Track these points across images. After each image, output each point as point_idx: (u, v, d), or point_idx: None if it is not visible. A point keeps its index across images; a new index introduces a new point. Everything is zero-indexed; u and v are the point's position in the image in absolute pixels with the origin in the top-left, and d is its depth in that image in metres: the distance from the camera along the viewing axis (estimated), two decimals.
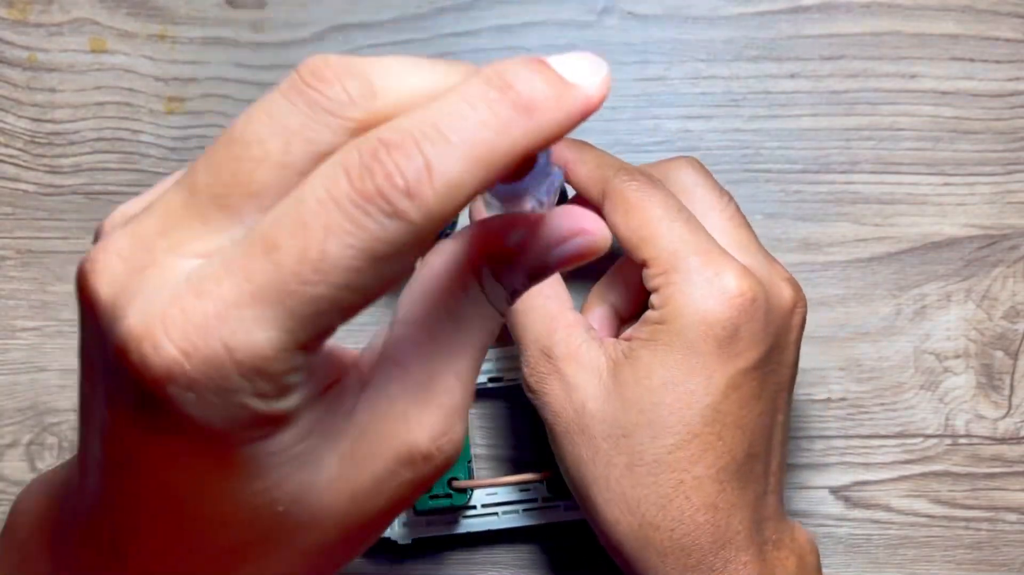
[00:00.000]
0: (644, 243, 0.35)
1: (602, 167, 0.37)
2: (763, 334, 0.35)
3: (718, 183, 0.38)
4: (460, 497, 0.40)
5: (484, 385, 0.42)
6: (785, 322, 0.36)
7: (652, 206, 0.35)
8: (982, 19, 0.44)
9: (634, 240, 0.35)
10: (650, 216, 0.35)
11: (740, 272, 0.34)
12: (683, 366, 0.34)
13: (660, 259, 0.35)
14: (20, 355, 0.44)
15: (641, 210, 0.35)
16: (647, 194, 0.35)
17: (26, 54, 0.44)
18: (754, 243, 0.37)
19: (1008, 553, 0.43)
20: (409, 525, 0.42)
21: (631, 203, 0.35)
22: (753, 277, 0.35)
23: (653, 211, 0.35)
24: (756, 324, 0.34)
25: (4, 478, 0.44)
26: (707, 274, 0.34)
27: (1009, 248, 0.43)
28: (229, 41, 0.44)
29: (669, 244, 0.35)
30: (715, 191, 0.37)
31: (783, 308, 0.36)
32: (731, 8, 0.44)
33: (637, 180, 0.36)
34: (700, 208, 0.36)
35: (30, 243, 0.44)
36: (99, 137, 0.44)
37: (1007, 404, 0.43)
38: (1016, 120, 0.43)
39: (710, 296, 0.34)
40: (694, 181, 0.37)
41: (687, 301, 0.34)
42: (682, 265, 0.34)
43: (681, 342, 0.34)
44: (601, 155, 0.37)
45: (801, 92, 0.44)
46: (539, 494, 0.42)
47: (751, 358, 0.34)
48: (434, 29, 0.44)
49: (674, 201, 0.36)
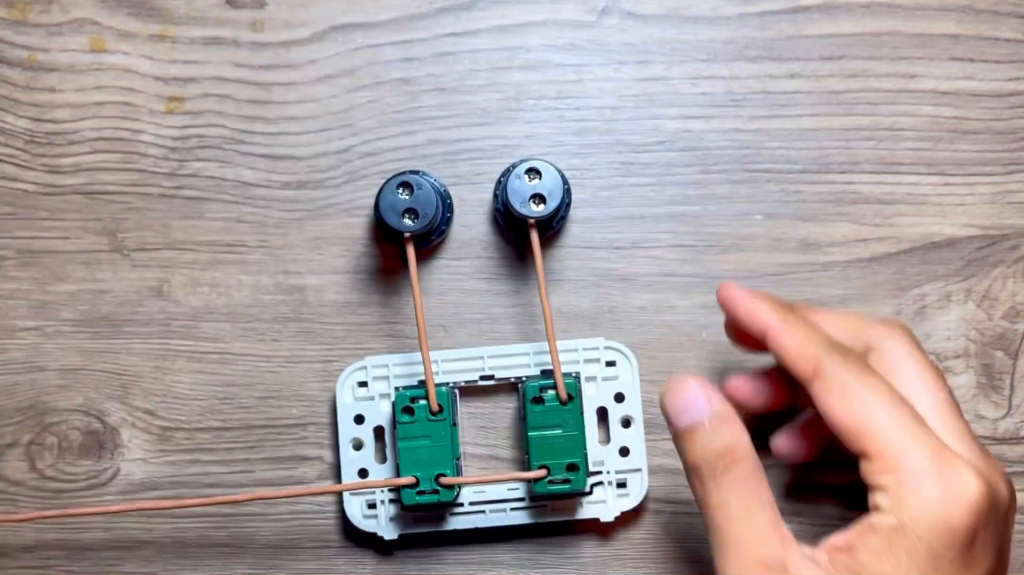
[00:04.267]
0: (866, 435, 0.32)
1: (812, 343, 0.34)
2: (995, 537, 0.33)
3: (933, 362, 0.36)
4: (447, 493, 0.40)
5: (475, 383, 0.42)
6: (1007, 520, 0.34)
7: (872, 395, 0.33)
8: (982, 19, 0.44)
9: (853, 429, 0.33)
10: (871, 406, 0.33)
11: (975, 473, 0.32)
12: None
13: (886, 455, 0.32)
14: (20, 355, 0.44)
15: (861, 399, 0.33)
16: (866, 381, 0.33)
17: (26, 54, 0.44)
18: (969, 432, 0.34)
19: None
20: (396, 521, 0.42)
21: (849, 390, 0.33)
22: (984, 478, 0.32)
23: (875, 404, 0.33)
24: (991, 528, 0.32)
25: (4, 478, 0.44)
26: (943, 475, 0.32)
27: (1009, 248, 0.43)
28: (229, 41, 0.44)
29: (897, 439, 0.32)
30: (930, 369, 0.35)
31: (1005, 507, 0.33)
32: (731, 8, 0.44)
33: (853, 364, 0.34)
34: (912, 386, 0.35)
35: (30, 243, 0.44)
36: (99, 137, 0.44)
37: (1007, 404, 0.43)
38: (1016, 120, 0.43)
39: (951, 501, 0.31)
40: (907, 352, 0.35)
41: (928, 505, 0.31)
42: (914, 465, 0.32)
43: (924, 551, 0.31)
44: (809, 328, 0.35)
45: (801, 92, 0.44)
46: (527, 493, 0.42)
47: (988, 564, 0.32)
48: (434, 29, 0.44)
49: (894, 392, 0.33)
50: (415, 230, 0.39)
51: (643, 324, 0.43)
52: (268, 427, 0.44)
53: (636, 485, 0.42)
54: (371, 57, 0.44)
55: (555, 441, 0.40)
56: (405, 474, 0.40)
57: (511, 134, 0.44)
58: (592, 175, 0.44)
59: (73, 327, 0.44)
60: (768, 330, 0.35)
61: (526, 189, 0.40)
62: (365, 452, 0.43)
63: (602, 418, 0.42)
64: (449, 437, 0.40)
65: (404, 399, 0.41)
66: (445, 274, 0.44)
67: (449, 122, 0.44)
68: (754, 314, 0.36)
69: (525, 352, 0.42)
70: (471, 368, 0.42)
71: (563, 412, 0.40)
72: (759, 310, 0.36)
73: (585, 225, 0.43)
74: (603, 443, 0.42)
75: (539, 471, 0.40)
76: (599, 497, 0.42)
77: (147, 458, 0.44)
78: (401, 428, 0.40)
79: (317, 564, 0.43)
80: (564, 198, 0.41)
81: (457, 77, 0.44)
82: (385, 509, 0.42)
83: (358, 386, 0.42)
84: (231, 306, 0.44)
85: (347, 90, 0.44)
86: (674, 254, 0.43)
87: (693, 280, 0.43)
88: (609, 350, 0.42)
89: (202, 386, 0.44)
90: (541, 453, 0.40)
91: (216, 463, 0.43)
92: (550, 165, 0.40)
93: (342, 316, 0.43)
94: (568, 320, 0.43)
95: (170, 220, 0.44)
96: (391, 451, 0.42)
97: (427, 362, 0.40)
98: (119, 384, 0.44)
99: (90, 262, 0.44)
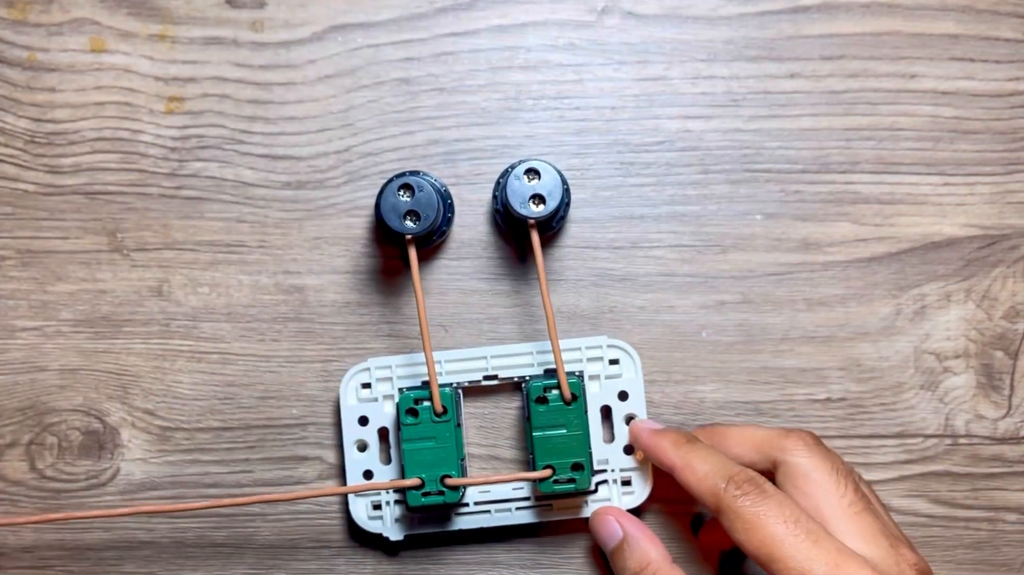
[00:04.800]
0: (772, 560, 0.35)
1: (711, 476, 0.37)
2: None
3: (834, 461, 0.38)
4: (452, 494, 0.40)
5: (478, 383, 0.42)
6: None
7: (770, 523, 0.35)
8: (982, 19, 0.44)
9: (761, 558, 0.35)
10: (771, 534, 0.35)
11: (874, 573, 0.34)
12: None
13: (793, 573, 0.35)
14: (20, 355, 0.44)
15: (760, 528, 0.35)
16: (763, 509, 0.36)
17: (26, 54, 0.44)
18: (877, 528, 0.36)
19: (1008, 553, 0.43)
20: (401, 521, 0.42)
21: (749, 521, 0.35)
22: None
23: (773, 529, 0.35)
24: None
25: (4, 478, 0.44)
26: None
27: (1009, 248, 0.43)
28: (229, 41, 0.44)
29: (796, 558, 0.34)
30: (832, 476, 0.37)
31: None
32: (731, 8, 0.44)
33: (748, 494, 0.36)
34: (818, 495, 0.37)
35: (30, 243, 0.44)
36: (99, 137, 0.44)
37: (1007, 404, 0.43)
38: (1016, 120, 0.43)
39: None
40: (809, 465, 0.38)
41: None
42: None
43: None
44: (708, 459, 0.38)
45: (801, 92, 0.44)
46: (532, 493, 0.42)
47: None
48: (434, 29, 0.44)
49: (791, 510, 0.36)
50: (416, 232, 0.39)
51: (643, 324, 0.43)
52: (268, 427, 0.44)
53: (640, 483, 0.42)
54: (371, 57, 0.44)
55: (560, 440, 0.40)
56: (410, 475, 0.40)
57: (511, 134, 0.44)
58: (592, 175, 0.44)
59: (73, 327, 0.44)
60: (673, 470, 0.38)
61: (525, 190, 0.40)
62: (370, 453, 0.42)
63: (606, 416, 0.42)
64: (454, 438, 0.40)
65: (408, 400, 0.41)
66: (445, 274, 0.44)
67: (449, 122, 0.44)
68: (659, 453, 0.39)
69: (528, 352, 0.42)
70: (474, 368, 0.42)
71: (567, 411, 0.40)
72: (662, 450, 0.39)
73: (585, 225, 0.43)
74: (607, 441, 0.42)
75: (544, 471, 0.40)
76: (604, 495, 0.42)
77: (147, 458, 0.44)
78: (406, 430, 0.40)
79: (317, 564, 0.43)
80: (564, 198, 0.41)
81: (457, 77, 0.44)
82: (390, 510, 0.42)
83: (361, 387, 0.42)
84: (231, 306, 0.44)
85: (347, 90, 0.44)
86: (674, 254, 0.43)
87: (693, 280, 0.43)
88: (612, 348, 0.42)
89: (202, 386, 0.44)
90: (546, 453, 0.40)
91: (216, 463, 0.44)
92: (549, 165, 0.40)
93: (342, 316, 0.43)
94: (568, 320, 0.43)
95: (170, 220, 0.44)
96: (396, 452, 0.42)
97: (431, 364, 0.40)
98: (119, 384, 0.44)
99: (90, 262, 0.44)
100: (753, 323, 0.43)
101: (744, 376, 0.43)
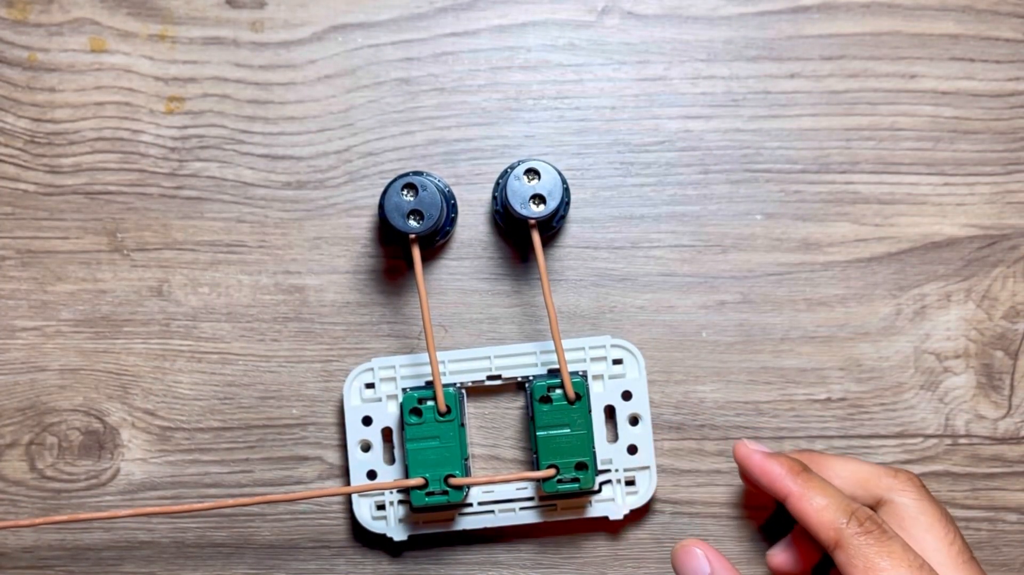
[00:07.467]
0: None
1: (831, 510, 0.37)
2: None
3: (942, 507, 0.38)
4: (456, 494, 0.40)
5: (482, 383, 0.42)
6: None
7: (893, 567, 0.35)
8: (982, 19, 0.44)
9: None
10: None
11: None
12: None
13: None
14: (20, 355, 0.44)
15: (882, 571, 0.35)
16: (885, 552, 0.36)
17: (26, 54, 0.44)
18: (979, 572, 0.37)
19: (1008, 553, 0.43)
20: (405, 522, 0.42)
21: (871, 561, 0.36)
22: None
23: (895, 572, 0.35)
24: None
25: (4, 478, 0.44)
26: None
27: (1009, 248, 0.43)
28: (229, 41, 0.44)
29: None
30: (941, 522, 0.38)
31: None
32: (731, 8, 0.44)
33: (871, 532, 0.36)
34: (927, 540, 0.37)
35: (30, 243, 0.44)
36: (99, 137, 0.44)
37: (1007, 404, 0.43)
38: (1016, 120, 0.43)
39: None
40: (918, 508, 0.38)
41: None
42: None
43: None
44: (827, 492, 0.38)
45: (801, 92, 0.44)
46: (536, 493, 0.42)
47: None
48: (434, 29, 0.44)
49: (914, 555, 0.36)
50: (420, 231, 0.39)
51: (643, 324, 0.43)
52: (268, 427, 0.44)
53: (644, 483, 0.42)
54: (371, 57, 0.44)
55: (563, 440, 0.40)
56: (414, 475, 0.40)
57: (511, 134, 0.44)
58: (592, 175, 0.44)
59: (73, 327, 0.44)
60: (788, 498, 0.38)
61: (525, 190, 0.40)
62: (373, 453, 0.42)
63: (609, 416, 0.42)
64: (457, 438, 0.40)
65: (412, 400, 0.41)
66: (445, 274, 0.44)
67: (449, 122, 0.44)
68: (771, 480, 0.38)
69: (531, 351, 0.42)
70: (478, 368, 0.42)
71: (571, 411, 0.41)
72: (776, 476, 0.38)
73: (585, 225, 0.43)
74: (611, 441, 0.42)
75: (548, 470, 0.40)
76: (608, 495, 0.42)
77: (147, 458, 0.44)
78: (409, 430, 0.40)
79: (317, 564, 0.43)
80: (564, 198, 0.41)
81: (457, 77, 0.44)
82: (394, 510, 0.42)
83: (365, 387, 0.42)
84: (231, 306, 0.44)
85: (347, 90, 0.44)
86: (674, 254, 0.43)
87: (693, 280, 0.43)
88: (616, 348, 0.42)
89: (202, 386, 0.44)
90: (550, 452, 0.40)
91: (216, 463, 0.43)
92: (549, 165, 0.40)
93: (342, 316, 0.43)
94: (568, 320, 0.43)
95: (170, 220, 0.44)
96: (399, 452, 0.42)
97: (434, 364, 0.40)
98: (119, 384, 0.44)
99: (90, 262, 0.44)
100: (753, 323, 0.43)
101: (744, 376, 0.43)
